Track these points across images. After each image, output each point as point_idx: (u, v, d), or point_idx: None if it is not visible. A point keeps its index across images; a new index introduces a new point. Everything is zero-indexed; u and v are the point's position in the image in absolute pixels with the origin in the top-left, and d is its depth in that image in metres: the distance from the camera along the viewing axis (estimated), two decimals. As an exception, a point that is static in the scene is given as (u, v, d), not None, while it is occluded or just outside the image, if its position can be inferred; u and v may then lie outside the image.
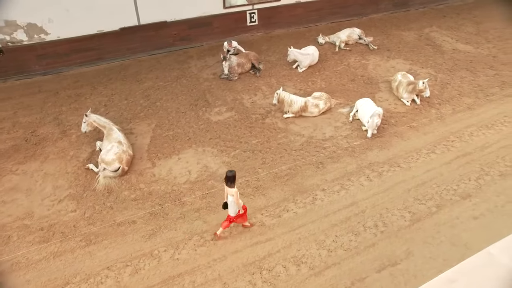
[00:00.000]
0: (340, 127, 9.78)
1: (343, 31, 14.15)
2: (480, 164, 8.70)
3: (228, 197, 6.48)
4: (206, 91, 11.33)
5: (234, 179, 6.29)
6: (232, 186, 6.32)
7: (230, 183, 6.31)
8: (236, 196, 6.33)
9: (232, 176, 6.27)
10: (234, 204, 6.47)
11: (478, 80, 12.26)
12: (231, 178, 6.27)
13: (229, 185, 6.35)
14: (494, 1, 19.36)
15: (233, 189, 6.32)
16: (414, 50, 14.27)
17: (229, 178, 6.28)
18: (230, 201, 6.44)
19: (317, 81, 11.80)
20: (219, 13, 13.84)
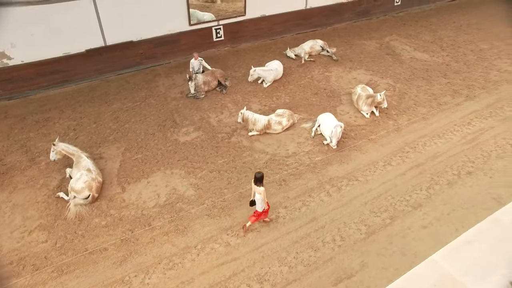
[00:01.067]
0: (303, 142, 10.28)
1: (306, 43, 14.68)
2: (431, 173, 9.38)
3: (256, 195, 7.33)
4: (174, 111, 11.62)
5: (262, 180, 7.21)
6: (260, 185, 7.19)
7: (259, 183, 7.18)
8: (263, 194, 7.22)
9: (260, 177, 7.17)
10: (261, 201, 7.35)
11: (433, 89, 13.04)
12: (259, 179, 7.17)
13: (258, 185, 7.20)
14: (448, 9, 20.45)
15: (261, 188, 7.23)
16: (375, 60, 14.97)
17: (258, 178, 7.17)
18: (258, 198, 7.33)
19: (282, 96, 12.28)
20: (185, 30, 14.14)
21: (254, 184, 7.30)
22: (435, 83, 13.39)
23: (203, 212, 8.38)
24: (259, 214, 7.55)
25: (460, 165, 9.65)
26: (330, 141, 9.94)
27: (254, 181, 7.26)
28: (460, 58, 15.21)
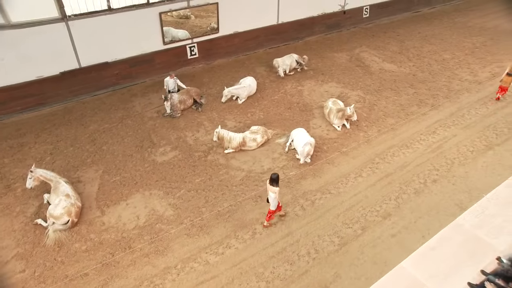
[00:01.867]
0: (277, 158, 10.64)
1: (284, 59, 14.91)
2: (400, 183, 9.88)
3: (270, 194, 7.91)
4: (150, 130, 11.80)
5: (277, 180, 7.80)
6: (275, 185, 7.76)
7: (275, 183, 7.75)
8: (277, 193, 7.88)
9: (276, 177, 7.77)
10: (275, 200, 7.94)
11: (401, 99, 13.67)
12: (275, 179, 7.76)
13: (273, 185, 7.77)
14: (414, 20, 21.39)
15: (276, 188, 7.82)
16: (346, 72, 15.56)
17: (274, 179, 7.76)
18: (272, 197, 7.91)
19: (256, 112, 12.64)
20: (159, 50, 14.36)
21: (269, 184, 7.85)
22: (403, 93, 14.04)
23: (182, 231, 8.59)
24: (273, 212, 8.26)
25: (426, 173, 10.20)
26: (307, 159, 10.33)
27: (270, 182, 7.82)
28: (425, 68, 15.98)
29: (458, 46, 18.05)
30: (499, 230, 8.21)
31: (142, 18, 13.40)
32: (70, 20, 12.24)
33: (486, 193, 9.31)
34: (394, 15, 21.73)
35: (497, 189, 9.43)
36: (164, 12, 13.71)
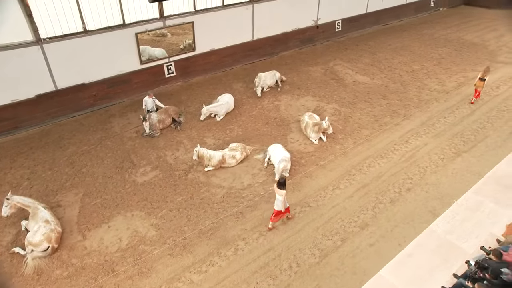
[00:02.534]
0: (257, 174, 10.85)
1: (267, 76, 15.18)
2: (376, 193, 10.24)
3: (278, 196, 8.43)
4: (130, 151, 11.83)
5: (285, 184, 8.32)
6: (283, 188, 8.29)
7: (282, 187, 8.26)
8: (284, 196, 8.39)
9: (284, 182, 8.29)
10: (281, 202, 8.46)
11: (374, 110, 14.17)
12: (283, 183, 8.27)
13: (281, 188, 8.27)
14: (384, 32, 22.23)
15: (283, 191, 8.34)
16: (321, 85, 16.02)
17: (281, 183, 8.28)
18: (280, 199, 8.43)
19: (234, 129, 12.86)
20: (137, 69, 14.47)
21: (277, 188, 8.37)
22: (376, 104, 14.56)
23: (165, 252, 8.63)
24: (279, 213, 8.70)
25: (401, 182, 10.61)
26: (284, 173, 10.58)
27: (278, 185, 8.35)
28: (397, 79, 16.64)
29: (426, 57, 18.88)
30: (469, 234, 8.65)
31: (118, 39, 13.52)
32: (45, 43, 12.24)
33: (456, 199, 9.79)
34: (365, 28, 22.57)
35: (465, 194, 9.93)
36: (141, 33, 13.86)
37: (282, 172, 10.48)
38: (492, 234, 8.55)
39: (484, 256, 7.29)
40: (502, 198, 9.76)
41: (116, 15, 13.28)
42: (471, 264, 7.06)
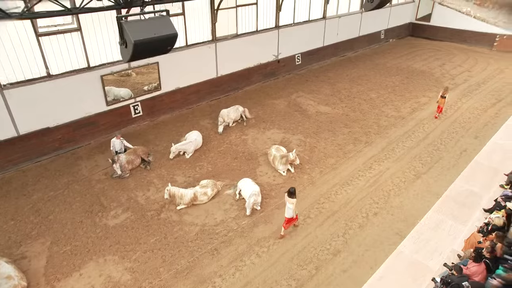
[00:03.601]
0: (229, 209, 11.00)
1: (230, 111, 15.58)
2: (345, 220, 10.64)
3: (288, 204, 9.36)
4: (100, 194, 11.66)
5: (294, 193, 9.30)
6: (293, 197, 9.24)
7: (293, 195, 9.24)
8: (294, 204, 9.32)
9: (293, 191, 9.28)
10: (292, 210, 9.37)
11: (338, 139, 14.85)
12: (293, 192, 9.27)
13: (291, 197, 9.21)
14: (341, 63, 23.56)
15: (294, 200, 9.29)
16: (285, 117, 16.63)
17: (292, 192, 9.26)
18: (290, 208, 9.34)
19: (204, 165, 13.04)
20: (103, 111, 14.47)
21: (287, 197, 9.30)
22: (339, 133, 15.29)
23: (141, 296, 8.48)
24: (290, 220, 9.61)
25: (368, 207, 11.10)
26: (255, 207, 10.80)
27: (288, 194, 9.28)
28: (356, 108, 17.59)
29: (382, 85, 20.16)
30: (433, 252, 9.17)
31: (83, 81, 13.57)
32: (6, 89, 12.09)
33: (420, 219, 10.37)
34: (323, 60, 23.86)
35: (427, 214, 10.55)
36: (106, 75, 13.99)
37: (253, 206, 10.71)
38: (454, 250, 9.11)
39: (447, 272, 7.75)
40: (459, 215, 10.46)
41: (80, 59, 13.40)
42: (437, 281, 7.48)
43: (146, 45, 5.96)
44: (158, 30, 6.04)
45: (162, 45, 6.46)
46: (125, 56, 6.35)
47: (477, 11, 2.95)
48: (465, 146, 14.28)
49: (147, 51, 6.26)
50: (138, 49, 5.90)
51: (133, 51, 5.99)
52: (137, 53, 6.11)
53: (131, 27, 5.86)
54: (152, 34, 5.94)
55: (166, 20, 6.26)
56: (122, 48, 6.23)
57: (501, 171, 12.40)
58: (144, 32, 5.86)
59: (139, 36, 5.79)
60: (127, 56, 6.21)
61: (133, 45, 5.86)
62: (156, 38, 6.05)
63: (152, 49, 6.33)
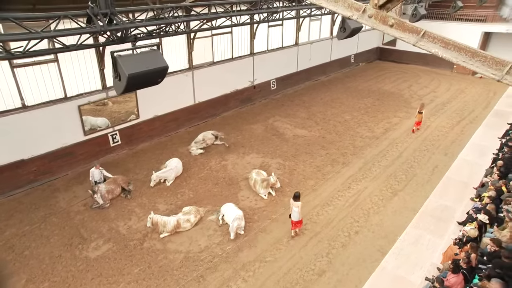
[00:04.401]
0: (212, 234, 10.98)
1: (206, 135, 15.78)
2: (328, 240, 10.82)
3: (294, 208, 10.30)
4: (79, 225, 11.39)
5: (299, 197, 10.35)
6: (298, 201, 10.23)
7: (298, 199, 10.26)
8: (299, 207, 10.30)
9: (298, 195, 10.37)
10: (298, 214, 10.33)
11: (316, 161, 15.21)
12: (298, 196, 10.32)
13: (296, 200, 10.23)
14: (315, 87, 24.35)
15: (299, 203, 10.28)
16: (264, 142, 16.92)
17: (297, 196, 10.31)
18: (295, 211, 10.32)
19: (185, 192, 13.02)
20: (80, 141, 14.30)
21: (293, 201, 10.29)
22: (317, 155, 15.67)
23: (126, 329, 8.25)
24: (297, 222, 10.55)
25: (349, 226, 11.35)
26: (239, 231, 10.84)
27: (294, 198, 10.30)
28: (332, 130, 18.15)
29: (355, 107, 20.93)
30: (414, 266, 9.46)
31: (60, 112, 13.45)
32: (-22, 122, 11.85)
33: (399, 235, 10.70)
34: (298, 85, 24.61)
35: (406, 230, 10.91)
36: (84, 104, 13.94)
37: (237, 230, 10.76)
38: (433, 263, 9.43)
39: (429, 285, 8.01)
40: (435, 229, 10.88)
41: (57, 89, 13.33)
42: (421, 295, 7.72)
43: (139, 78, 6.17)
44: (150, 63, 6.27)
45: (153, 78, 6.71)
46: (118, 88, 6.53)
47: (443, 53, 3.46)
48: (437, 163, 14.96)
49: (139, 84, 6.47)
50: (132, 82, 6.09)
51: (126, 84, 6.19)
52: (130, 86, 6.30)
53: (124, 61, 6.05)
54: (144, 67, 6.15)
55: (157, 54, 6.51)
56: (116, 81, 6.41)
57: (471, 185, 13.07)
58: (137, 66, 6.07)
59: (132, 69, 5.99)
60: (121, 89, 6.38)
61: (127, 78, 6.06)
62: (148, 71, 6.26)
63: (144, 81, 6.55)
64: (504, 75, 3.23)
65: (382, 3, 3.73)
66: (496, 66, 3.33)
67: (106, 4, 6.01)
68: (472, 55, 3.43)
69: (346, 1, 3.98)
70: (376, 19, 3.80)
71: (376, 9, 3.77)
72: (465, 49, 3.46)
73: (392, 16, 3.75)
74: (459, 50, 3.47)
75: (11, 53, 6.37)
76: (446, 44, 3.53)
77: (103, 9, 6.11)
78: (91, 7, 6.06)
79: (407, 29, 3.69)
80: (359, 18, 3.94)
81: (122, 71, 6.08)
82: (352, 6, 3.97)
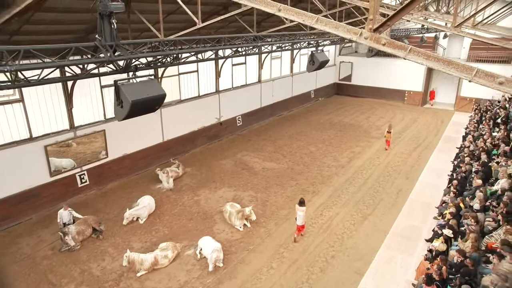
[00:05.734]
0: (191, 269, 10.81)
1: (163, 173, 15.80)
2: (306, 266, 10.98)
3: (299, 213, 11.53)
4: (47, 271, 10.77)
5: (304, 203, 11.70)
6: (303, 206, 11.58)
7: (303, 205, 11.58)
8: (304, 212, 11.61)
9: (303, 201, 11.71)
10: (302, 218, 11.62)
11: (287, 192, 15.58)
12: (302, 202, 11.64)
13: (301, 206, 11.53)
14: (280, 122, 25.21)
15: (304, 208, 11.59)
16: (234, 176, 17.13)
17: (302, 202, 11.64)
18: (300, 215, 11.55)
19: (160, 229, 12.80)
20: (46, 182, 13.78)
21: (298, 206, 11.56)
22: (287, 186, 16.07)
23: None
24: (300, 227, 11.86)
25: (325, 252, 11.60)
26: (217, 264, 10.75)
27: (299, 204, 11.61)
28: (299, 161, 18.74)
29: (319, 139, 21.85)
30: (390, 284, 9.81)
31: (25, 153, 13.02)
32: None
33: (374, 256, 11.10)
34: (263, 120, 25.38)
35: (379, 251, 11.36)
36: (50, 145, 13.60)
37: (216, 262, 10.69)
38: (408, 280, 9.84)
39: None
40: (406, 248, 11.43)
41: (22, 129, 12.98)
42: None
43: (140, 104, 6.50)
44: (149, 91, 6.57)
45: (153, 104, 7.14)
46: (119, 115, 6.88)
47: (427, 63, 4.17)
48: (400, 186, 15.84)
49: (140, 110, 6.81)
50: (134, 108, 6.39)
51: (129, 110, 6.56)
52: (132, 112, 6.65)
53: (127, 89, 6.31)
54: (145, 95, 6.42)
55: (154, 83, 6.82)
56: (117, 108, 6.73)
57: (433, 205, 13.94)
58: (138, 93, 6.35)
59: (135, 96, 6.25)
60: (122, 115, 6.74)
61: (130, 104, 6.42)
62: (149, 98, 6.55)
63: (144, 108, 6.91)
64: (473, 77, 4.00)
65: (375, 28, 4.49)
66: (466, 71, 4.10)
67: (112, 37, 6.43)
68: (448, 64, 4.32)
69: (346, 27, 4.66)
70: (371, 40, 4.54)
71: (371, 32, 4.49)
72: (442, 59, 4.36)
73: (384, 37, 4.43)
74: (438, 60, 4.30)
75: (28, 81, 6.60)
76: (428, 56, 4.41)
77: (108, 41, 6.53)
78: (99, 39, 6.49)
79: (397, 47, 4.50)
80: (357, 39, 4.66)
81: (125, 98, 6.46)
82: (350, 30, 4.71)
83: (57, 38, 11.65)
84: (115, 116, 7.03)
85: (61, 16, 10.38)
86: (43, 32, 11.00)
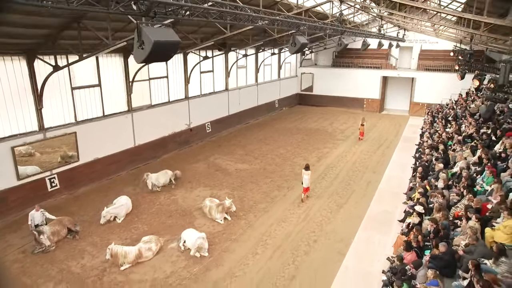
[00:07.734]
0: (176, 260, 10.69)
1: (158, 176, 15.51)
2: (291, 250, 11.24)
3: (305, 176, 13.90)
4: (20, 274, 10.15)
5: (309, 167, 14.01)
6: (308, 170, 13.89)
7: (308, 169, 13.92)
8: (309, 175, 14.00)
9: (308, 166, 14.03)
10: (307, 180, 14.00)
11: (262, 188, 15.87)
12: (308, 167, 13.95)
13: (307, 170, 13.86)
14: (249, 129, 25.67)
15: (309, 171, 14.00)
16: (209, 177, 17.19)
17: (307, 167, 13.97)
18: (306, 178, 13.94)
19: (139, 226, 12.56)
20: (13, 186, 13.10)
21: (304, 170, 13.91)
22: (262, 183, 16.37)
23: None
24: (306, 189, 14.20)
25: (307, 237, 11.95)
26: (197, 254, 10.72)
27: (304, 168, 13.98)
28: (271, 162, 19.17)
29: (288, 143, 22.49)
30: (371, 260, 10.35)
31: (-10, 156, 12.39)
32: None
33: (353, 238, 11.62)
34: (231, 127, 25.71)
35: (358, 233, 11.94)
36: (18, 146, 13.03)
37: (201, 252, 10.67)
38: (386, 255, 10.38)
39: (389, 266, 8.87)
40: (381, 229, 12.10)
41: (-13, 131, 12.39)
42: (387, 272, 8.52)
43: (161, 45, 6.56)
44: (167, 36, 6.67)
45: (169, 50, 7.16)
46: (139, 57, 6.85)
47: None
48: (369, 179, 16.68)
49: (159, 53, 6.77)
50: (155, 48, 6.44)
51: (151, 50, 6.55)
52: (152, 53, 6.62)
53: (149, 30, 6.38)
54: (165, 38, 6.51)
55: (171, 30, 6.94)
56: (137, 50, 6.74)
57: (400, 193, 14.83)
58: (159, 36, 6.44)
59: (157, 37, 6.34)
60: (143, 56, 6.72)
61: (152, 44, 6.47)
62: (168, 42, 6.64)
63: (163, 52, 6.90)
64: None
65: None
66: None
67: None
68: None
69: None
70: None
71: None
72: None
73: None
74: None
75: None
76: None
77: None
78: None
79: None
80: None
81: (148, 38, 6.50)
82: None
83: None
84: (134, 58, 7.09)
85: None
86: None
